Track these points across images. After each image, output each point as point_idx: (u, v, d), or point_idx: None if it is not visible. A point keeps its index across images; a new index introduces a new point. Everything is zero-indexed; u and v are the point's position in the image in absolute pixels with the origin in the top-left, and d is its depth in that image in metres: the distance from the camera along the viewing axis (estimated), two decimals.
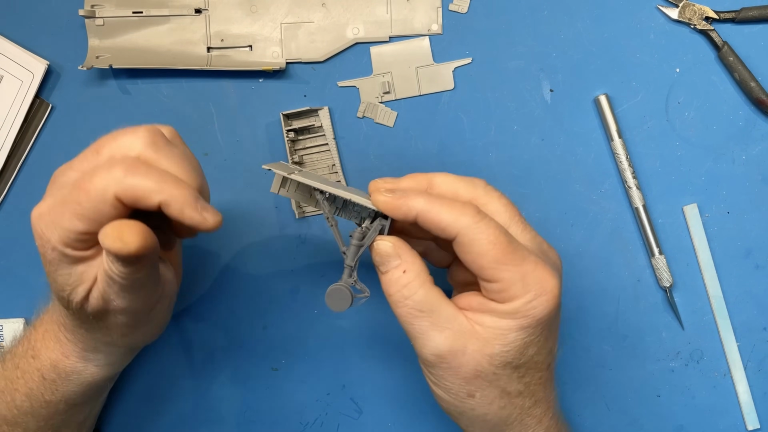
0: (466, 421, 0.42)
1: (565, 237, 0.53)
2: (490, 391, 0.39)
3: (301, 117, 0.53)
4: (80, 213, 0.35)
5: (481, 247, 0.37)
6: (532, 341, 0.38)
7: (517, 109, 0.53)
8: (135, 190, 0.35)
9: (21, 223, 0.54)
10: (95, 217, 0.35)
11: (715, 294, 0.53)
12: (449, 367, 0.39)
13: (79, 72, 0.53)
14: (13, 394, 0.44)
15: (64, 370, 0.43)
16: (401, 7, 0.53)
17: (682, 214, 0.53)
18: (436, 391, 0.41)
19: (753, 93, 0.51)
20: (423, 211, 0.38)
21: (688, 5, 0.52)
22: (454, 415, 0.42)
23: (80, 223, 0.35)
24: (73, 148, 0.54)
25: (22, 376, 0.44)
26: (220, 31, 0.53)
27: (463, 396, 0.40)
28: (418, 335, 0.39)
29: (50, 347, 0.43)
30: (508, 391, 0.40)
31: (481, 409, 0.40)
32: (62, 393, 0.44)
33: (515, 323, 0.38)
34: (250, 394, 0.55)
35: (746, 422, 0.53)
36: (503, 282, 0.37)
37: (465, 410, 0.41)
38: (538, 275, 0.38)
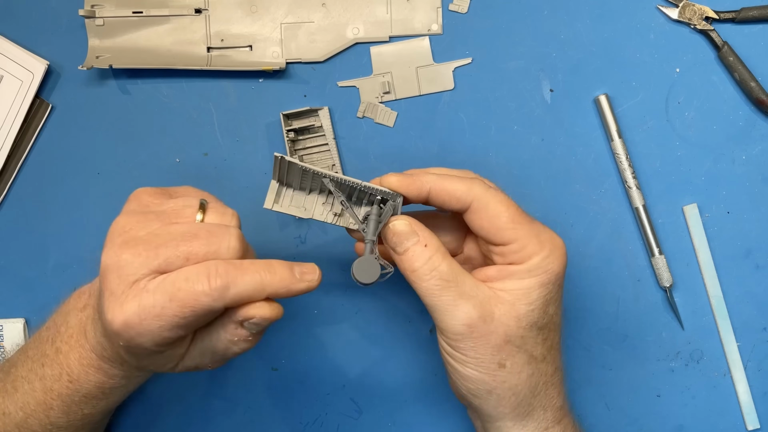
0: (496, 400, 0.41)
1: (565, 237, 0.52)
2: (519, 357, 0.40)
3: (301, 117, 0.53)
4: (180, 324, 0.36)
5: (496, 209, 0.40)
6: (552, 298, 0.41)
7: (517, 109, 0.53)
8: (242, 296, 0.37)
9: (21, 223, 0.54)
10: (195, 325, 0.37)
11: (715, 294, 0.53)
12: (480, 336, 0.39)
13: (79, 72, 0.53)
14: (47, 412, 0.43)
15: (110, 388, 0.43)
16: (401, 7, 0.53)
17: (682, 214, 0.53)
18: (465, 370, 0.41)
19: (753, 93, 0.51)
20: (436, 185, 0.40)
21: (688, 5, 0.52)
22: (483, 395, 0.42)
23: (180, 330, 0.37)
24: (73, 148, 0.54)
25: (59, 398, 0.43)
26: (220, 31, 0.53)
27: (494, 368, 0.40)
28: (446, 307, 0.40)
29: (91, 373, 0.43)
30: (534, 355, 0.41)
31: (512, 379, 0.41)
32: (103, 405, 0.44)
33: (536, 280, 0.40)
34: (250, 394, 0.55)
35: (746, 422, 0.53)
36: (521, 240, 0.40)
37: (496, 385, 0.41)
38: (548, 234, 0.41)
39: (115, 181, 0.54)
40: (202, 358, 0.40)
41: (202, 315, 0.36)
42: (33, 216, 0.54)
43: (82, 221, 0.54)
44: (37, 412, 0.43)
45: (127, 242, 0.37)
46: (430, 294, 0.40)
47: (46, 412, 0.43)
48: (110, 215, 0.53)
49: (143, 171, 0.54)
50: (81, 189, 0.54)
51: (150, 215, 0.39)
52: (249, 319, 0.38)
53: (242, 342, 0.39)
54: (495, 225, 0.40)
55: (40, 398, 0.43)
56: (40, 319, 0.54)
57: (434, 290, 0.40)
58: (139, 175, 0.54)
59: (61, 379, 0.43)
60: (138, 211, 0.39)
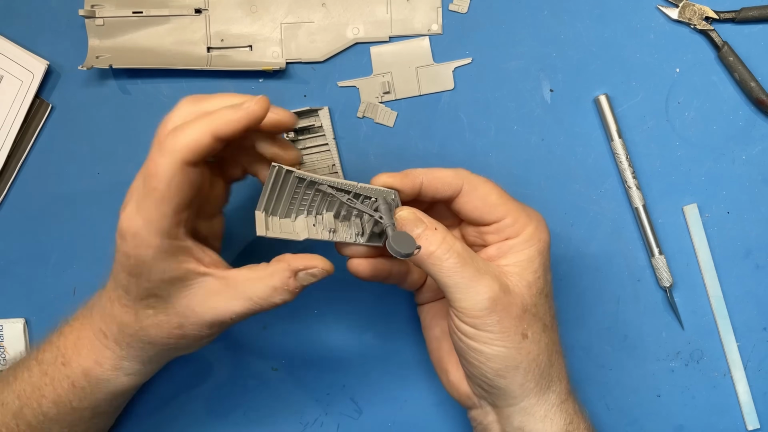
0: (522, 375, 0.42)
1: (565, 237, 0.53)
2: (537, 325, 0.42)
3: (301, 117, 0.53)
4: (159, 197, 0.37)
5: (485, 188, 0.43)
6: (548, 266, 0.44)
7: (517, 109, 0.53)
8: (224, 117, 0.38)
9: (21, 223, 0.54)
10: (174, 193, 0.37)
11: (715, 294, 0.53)
12: (503, 308, 0.41)
13: (79, 72, 0.53)
14: (39, 400, 0.44)
15: (96, 378, 0.44)
16: (401, 7, 0.53)
17: (682, 214, 0.53)
18: (492, 349, 0.41)
19: (753, 93, 0.51)
20: (427, 175, 0.43)
21: (688, 5, 0.52)
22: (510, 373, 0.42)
23: (166, 207, 0.37)
24: (73, 148, 0.54)
25: (51, 383, 0.44)
26: (220, 31, 0.53)
27: (519, 339, 0.41)
28: (468, 283, 0.40)
29: (83, 355, 0.43)
30: (546, 323, 0.43)
31: (534, 349, 0.42)
32: (90, 401, 0.44)
33: (534, 248, 0.43)
34: (250, 394, 0.55)
35: (746, 422, 0.53)
36: (513, 214, 0.43)
37: (522, 358, 0.41)
38: (530, 210, 0.44)
39: (115, 181, 0.54)
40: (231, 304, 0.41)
41: (170, 174, 0.37)
42: (33, 216, 0.54)
43: (82, 221, 0.54)
44: (31, 400, 0.44)
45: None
46: (451, 273, 0.40)
47: (38, 400, 0.44)
48: (110, 215, 0.53)
49: None
50: (81, 189, 0.54)
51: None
52: (307, 270, 0.41)
53: (286, 293, 0.41)
54: (487, 203, 0.43)
55: (35, 383, 0.44)
56: (40, 319, 0.54)
57: (455, 268, 0.40)
58: None
59: (55, 362, 0.44)
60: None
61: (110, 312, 0.42)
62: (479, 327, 0.41)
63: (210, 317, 0.41)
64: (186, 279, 0.40)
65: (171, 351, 0.44)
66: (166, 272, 0.39)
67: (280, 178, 0.41)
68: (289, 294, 0.41)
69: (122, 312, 0.42)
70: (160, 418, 0.55)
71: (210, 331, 0.42)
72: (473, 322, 0.41)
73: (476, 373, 0.43)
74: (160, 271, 0.39)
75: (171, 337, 0.42)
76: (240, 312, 0.41)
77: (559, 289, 0.53)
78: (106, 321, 0.43)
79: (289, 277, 0.41)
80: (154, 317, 0.41)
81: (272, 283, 0.41)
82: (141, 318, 0.41)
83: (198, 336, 0.42)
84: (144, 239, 0.38)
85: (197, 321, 0.41)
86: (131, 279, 0.40)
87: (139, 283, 0.40)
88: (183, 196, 0.38)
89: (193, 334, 0.42)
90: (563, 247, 0.53)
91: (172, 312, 0.41)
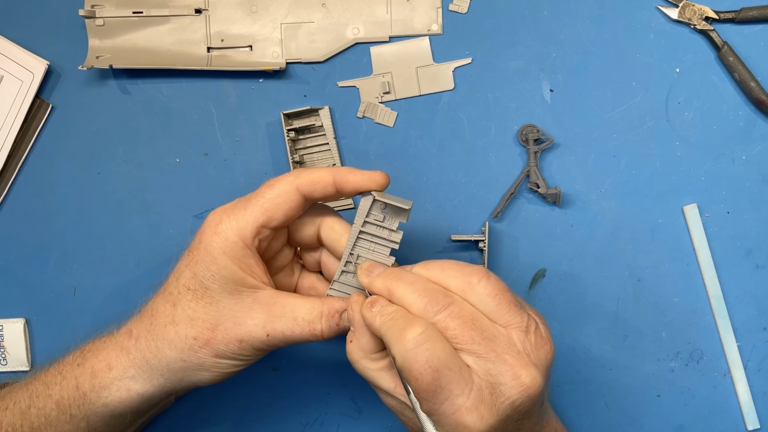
0: None
1: (565, 237, 0.53)
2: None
3: (301, 116, 0.53)
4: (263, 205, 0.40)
5: (406, 377, 0.37)
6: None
7: (517, 109, 0.53)
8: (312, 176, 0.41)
9: (21, 223, 0.54)
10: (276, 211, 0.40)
11: (715, 294, 0.53)
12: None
13: (79, 72, 0.53)
14: (46, 400, 0.44)
15: (98, 384, 0.43)
16: (401, 7, 0.53)
17: (682, 214, 0.53)
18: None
19: (753, 93, 0.51)
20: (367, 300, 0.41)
21: (688, 5, 0.52)
22: None
23: (261, 215, 0.40)
24: (73, 148, 0.54)
25: (60, 382, 0.44)
26: (220, 31, 0.53)
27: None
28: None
29: (99, 356, 0.43)
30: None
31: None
32: (87, 410, 0.43)
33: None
34: (250, 394, 0.55)
35: (746, 422, 0.53)
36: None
37: None
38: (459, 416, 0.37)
39: (115, 181, 0.54)
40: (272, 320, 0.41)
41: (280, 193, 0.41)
42: (33, 216, 0.54)
43: (82, 221, 0.54)
44: (39, 399, 0.44)
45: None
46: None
47: (45, 400, 0.44)
48: (110, 215, 0.54)
49: (143, 171, 0.54)
50: (81, 189, 0.54)
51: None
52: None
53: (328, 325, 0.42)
54: (400, 390, 0.41)
55: (48, 381, 0.44)
56: (40, 319, 0.54)
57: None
58: (139, 175, 0.54)
59: (73, 362, 0.44)
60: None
61: (148, 307, 0.43)
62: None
63: (246, 329, 0.41)
64: (240, 283, 0.41)
65: (185, 366, 0.42)
66: (225, 268, 0.40)
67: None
68: (330, 330, 0.42)
69: (162, 302, 0.42)
70: (160, 418, 0.55)
71: (238, 347, 0.41)
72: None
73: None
74: (221, 266, 0.40)
75: (198, 339, 0.41)
76: (278, 331, 0.41)
77: (560, 289, 0.53)
78: (139, 318, 0.43)
79: (337, 311, 0.42)
80: (192, 311, 0.41)
81: (320, 308, 0.42)
82: (178, 309, 0.41)
83: (224, 348, 0.41)
84: (221, 229, 0.40)
85: (231, 329, 0.41)
86: (190, 265, 0.41)
87: (195, 271, 0.41)
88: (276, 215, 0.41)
89: (221, 344, 0.41)
90: (563, 247, 0.53)
91: (213, 312, 0.41)
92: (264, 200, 0.41)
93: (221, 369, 0.43)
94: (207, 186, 0.54)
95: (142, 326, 0.43)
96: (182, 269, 0.42)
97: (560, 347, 0.53)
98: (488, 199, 0.53)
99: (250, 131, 0.54)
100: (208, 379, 0.43)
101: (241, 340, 0.41)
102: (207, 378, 0.43)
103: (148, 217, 0.54)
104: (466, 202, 0.53)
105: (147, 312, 0.43)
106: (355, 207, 0.53)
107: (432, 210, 0.53)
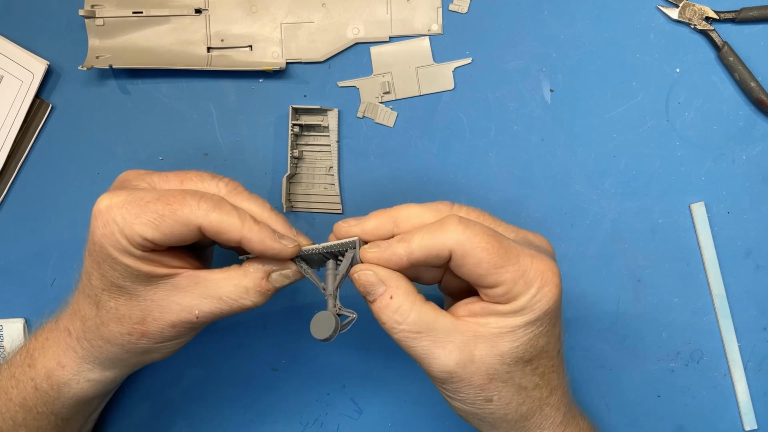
0: (488, 426, 0.41)
1: (565, 237, 0.53)
2: (507, 391, 0.39)
3: (310, 114, 0.53)
4: (157, 225, 0.37)
5: (475, 257, 0.36)
6: (541, 332, 0.38)
7: (517, 109, 0.53)
8: (220, 225, 0.38)
9: (21, 223, 0.54)
10: (168, 235, 0.38)
11: (718, 293, 0.53)
12: (461, 380, 0.38)
13: (79, 72, 0.53)
14: (7, 404, 0.44)
15: (57, 382, 0.43)
16: (401, 7, 0.53)
17: (682, 214, 0.53)
18: (453, 404, 0.41)
19: (753, 93, 0.51)
20: (407, 252, 0.38)
21: (688, 5, 0.52)
22: (475, 422, 0.42)
23: (152, 232, 0.37)
24: (73, 148, 0.54)
25: (17, 386, 0.44)
26: (220, 31, 0.53)
27: (481, 403, 0.39)
28: (422, 356, 0.39)
29: (48, 355, 0.43)
30: (524, 386, 0.40)
31: (501, 411, 0.40)
32: (53, 406, 0.44)
33: (522, 319, 0.38)
34: (250, 394, 0.55)
35: (744, 422, 0.53)
36: (506, 284, 0.37)
37: (485, 416, 0.40)
38: (537, 268, 0.37)
39: None
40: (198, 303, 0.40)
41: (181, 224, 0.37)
42: (33, 216, 0.54)
43: (82, 221, 0.54)
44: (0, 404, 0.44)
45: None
46: (402, 345, 0.39)
47: (6, 404, 0.44)
48: None
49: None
50: (81, 189, 0.54)
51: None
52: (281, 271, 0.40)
53: (258, 294, 0.40)
54: (476, 273, 0.37)
55: (3, 386, 0.44)
56: (40, 319, 0.54)
57: (405, 341, 0.38)
58: None
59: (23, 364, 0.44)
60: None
61: (75, 306, 0.42)
62: (439, 387, 0.40)
63: (174, 314, 0.40)
64: (151, 275, 0.39)
65: (132, 354, 0.42)
66: (130, 266, 0.39)
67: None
68: (261, 296, 0.40)
69: (85, 304, 0.41)
70: (161, 418, 0.55)
71: (174, 331, 0.41)
72: (434, 381, 0.41)
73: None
74: (123, 265, 0.39)
75: (132, 334, 0.41)
76: (207, 311, 0.40)
77: None
78: (71, 317, 0.43)
79: (261, 278, 0.40)
80: (115, 311, 0.40)
81: (244, 284, 0.40)
82: (102, 311, 0.41)
83: (160, 335, 0.41)
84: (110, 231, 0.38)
85: (160, 317, 0.40)
86: (94, 266, 0.39)
87: (102, 272, 0.39)
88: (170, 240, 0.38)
89: (156, 333, 0.41)
90: (564, 247, 0.53)
91: (136, 306, 0.40)
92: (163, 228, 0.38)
93: (169, 348, 0.43)
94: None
95: (76, 326, 0.42)
96: (90, 270, 0.40)
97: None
98: (488, 199, 0.53)
99: (250, 131, 0.54)
100: (160, 357, 0.43)
101: (173, 325, 0.41)
102: (159, 357, 0.43)
103: None
104: (466, 202, 0.53)
105: (76, 312, 0.42)
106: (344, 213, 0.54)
107: None
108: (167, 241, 0.38)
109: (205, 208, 0.38)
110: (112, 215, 0.38)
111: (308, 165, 0.54)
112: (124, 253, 0.38)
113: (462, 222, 0.37)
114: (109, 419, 0.55)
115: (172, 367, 0.55)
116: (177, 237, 0.38)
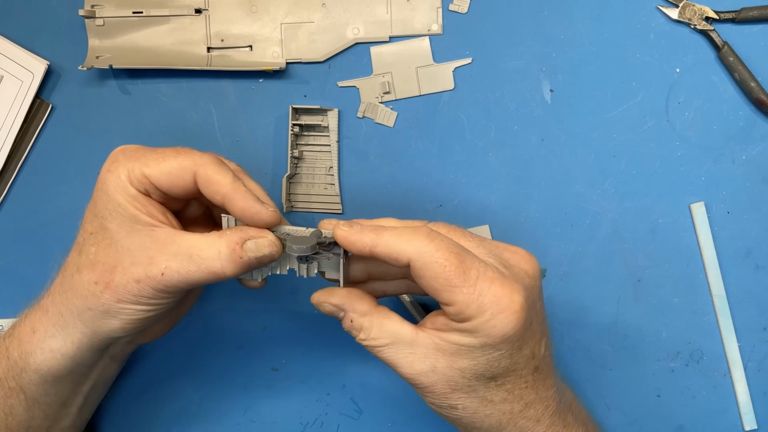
0: (463, 428, 0.43)
1: (565, 237, 0.53)
2: (471, 402, 0.40)
3: (310, 114, 0.53)
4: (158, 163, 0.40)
5: (432, 271, 0.37)
6: (502, 355, 0.38)
7: (517, 109, 0.53)
8: (212, 176, 0.40)
9: (21, 223, 0.54)
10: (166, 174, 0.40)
11: (718, 293, 0.53)
12: (425, 386, 0.40)
13: (79, 72, 0.53)
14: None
15: (25, 350, 0.43)
16: (401, 7, 0.53)
17: (682, 214, 0.53)
18: (427, 401, 0.42)
19: (753, 93, 0.51)
20: (373, 244, 0.38)
21: (688, 5, 0.52)
22: (450, 423, 0.43)
23: (151, 169, 0.40)
24: (73, 148, 0.54)
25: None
26: (220, 31, 0.53)
27: (448, 409, 0.41)
28: (389, 364, 0.41)
29: (25, 321, 0.44)
30: (489, 399, 0.40)
31: (468, 418, 0.41)
32: (20, 379, 0.43)
33: (477, 341, 0.38)
34: (250, 394, 0.55)
35: (743, 422, 0.53)
36: (458, 305, 0.37)
37: (455, 419, 0.42)
38: (494, 293, 0.37)
39: None
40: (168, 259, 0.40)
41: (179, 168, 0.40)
42: (33, 216, 0.54)
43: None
44: None
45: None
46: (373, 354, 0.41)
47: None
48: None
49: None
50: (81, 189, 0.54)
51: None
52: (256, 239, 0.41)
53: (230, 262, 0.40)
54: (432, 286, 0.37)
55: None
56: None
57: (373, 352, 0.41)
58: None
59: (4, 334, 0.45)
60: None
61: (62, 262, 0.43)
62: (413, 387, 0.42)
63: (142, 268, 0.40)
64: (135, 220, 0.40)
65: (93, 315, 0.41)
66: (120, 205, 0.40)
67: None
68: (232, 264, 0.40)
69: (72, 252, 0.42)
70: (161, 418, 0.55)
71: (137, 287, 0.40)
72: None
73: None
74: (115, 203, 0.40)
75: (98, 283, 0.40)
76: (174, 269, 0.40)
77: (560, 289, 0.53)
78: (54, 277, 0.43)
79: (237, 243, 0.40)
80: (93, 256, 0.41)
81: (217, 245, 0.40)
82: (82, 256, 0.41)
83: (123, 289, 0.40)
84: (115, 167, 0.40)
85: (129, 269, 0.40)
86: (91, 207, 0.41)
87: (96, 212, 0.41)
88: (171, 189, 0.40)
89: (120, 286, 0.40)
90: (563, 247, 0.53)
91: (112, 254, 0.40)
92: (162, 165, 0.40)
93: (128, 315, 0.41)
94: None
95: (57, 281, 0.43)
96: (86, 214, 0.42)
97: (560, 347, 0.53)
98: (488, 199, 0.53)
99: (250, 131, 0.54)
100: (118, 327, 0.42)
101: (138, 281, 0.40)
102: (117, 326, 0.41)
103: None
104: (466, 202, 0.53)
105: (59, 269, 0.43)
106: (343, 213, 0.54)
107: (432, 210, 0.53)
108: (163, 182, 0.40)
109: (205, 160, 0.40)
110: (122, 153, 0.41)
111: (308, 165, 0.54)
112: (119, 189, 0.40)
113: (430, 235, 0.38)
114: (108, 419, 0.55)
115: (171, 366, 0.55)
116: (173, 180, 0.40)
